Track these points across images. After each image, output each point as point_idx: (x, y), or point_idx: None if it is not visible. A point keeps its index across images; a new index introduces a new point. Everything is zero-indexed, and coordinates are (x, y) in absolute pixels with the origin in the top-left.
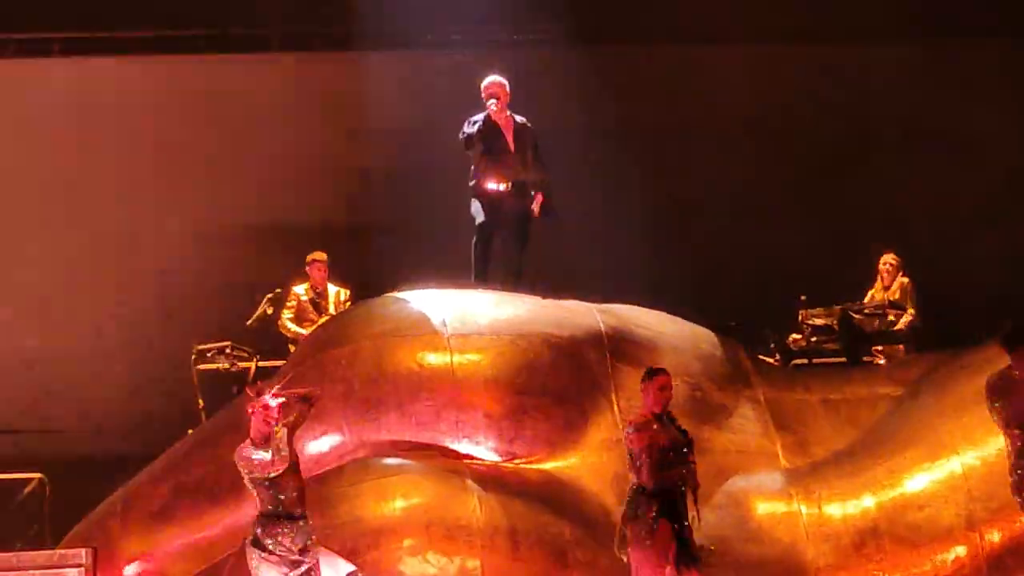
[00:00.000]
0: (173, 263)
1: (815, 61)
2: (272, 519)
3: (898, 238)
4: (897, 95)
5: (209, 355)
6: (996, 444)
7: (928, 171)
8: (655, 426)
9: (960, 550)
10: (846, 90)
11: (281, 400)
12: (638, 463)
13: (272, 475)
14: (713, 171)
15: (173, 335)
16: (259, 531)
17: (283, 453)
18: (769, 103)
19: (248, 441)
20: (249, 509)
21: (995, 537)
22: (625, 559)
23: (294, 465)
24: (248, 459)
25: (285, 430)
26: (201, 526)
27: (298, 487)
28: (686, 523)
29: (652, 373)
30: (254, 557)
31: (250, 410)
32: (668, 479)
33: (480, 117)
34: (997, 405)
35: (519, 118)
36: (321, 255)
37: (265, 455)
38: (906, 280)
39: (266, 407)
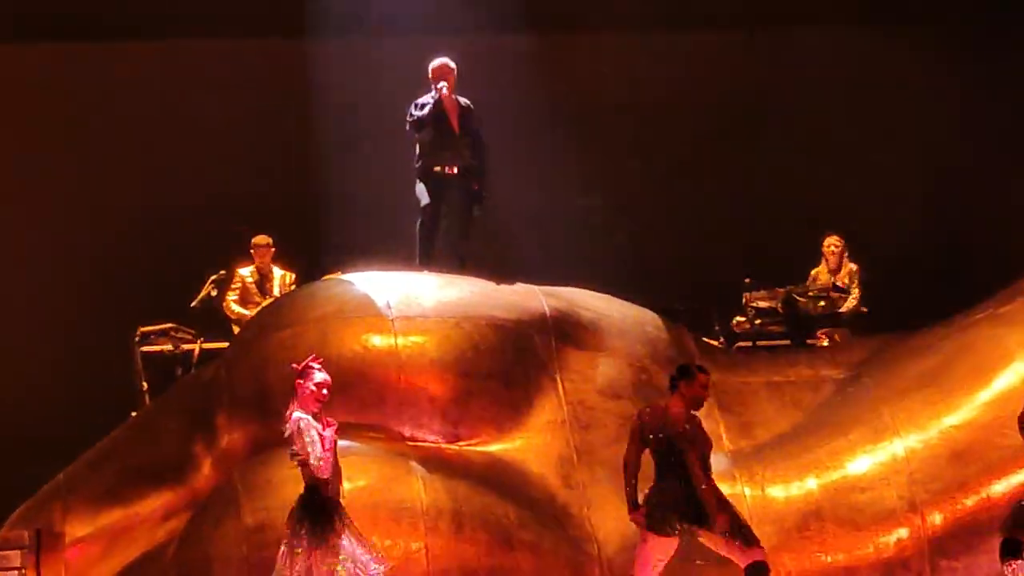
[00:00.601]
0: (117, 244)
1: (766, 47)
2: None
3: (842, 221)
4: (845, 79)
5: (153, 337)
6: (938, 427)
7: (874, 156)
8: None
9: (902, 532)
10: (792, 73)
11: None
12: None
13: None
14: (655, 153)
15: (116, 317)
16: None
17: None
18: (712, 86)
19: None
20: (193, 492)
21: (937, 519)
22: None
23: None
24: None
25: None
26: (145, 508)
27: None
28: None
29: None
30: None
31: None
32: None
33: (428, 100)
34: None
35: (464, 100)
36: (266, 238)
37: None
38: (854, 266)
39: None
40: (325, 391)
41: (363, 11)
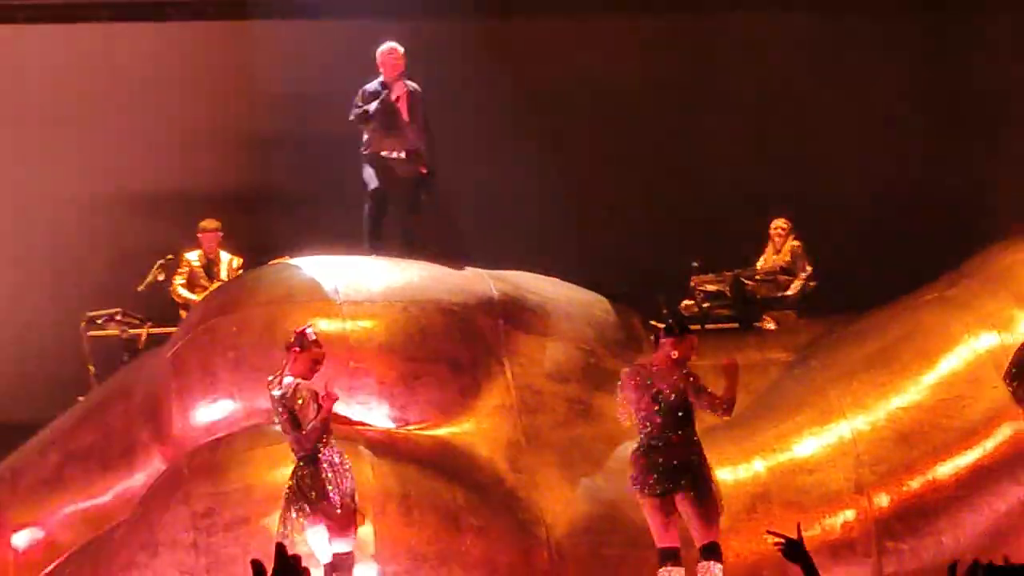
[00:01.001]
0: (64, 229)
1: (711, 31)
2: None
3: (790, 204)
4: (789, 63)
5: (100, 322)
6: (885, 409)
7: (820, 139)
8: None
9: (849, 514)
10: (737, 56)
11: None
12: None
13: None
14: (602, 137)
15: (63, 301)
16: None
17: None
18: (658, 70)
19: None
20: (140, 476)
21: (883, 501)
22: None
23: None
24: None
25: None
26: (92, 493)
27: None
28: None
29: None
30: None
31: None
32: None
33: (376, 87)
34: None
35: (411, 85)
36: (213, 222)
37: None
38: (796, 243)
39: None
40: (320, 367)
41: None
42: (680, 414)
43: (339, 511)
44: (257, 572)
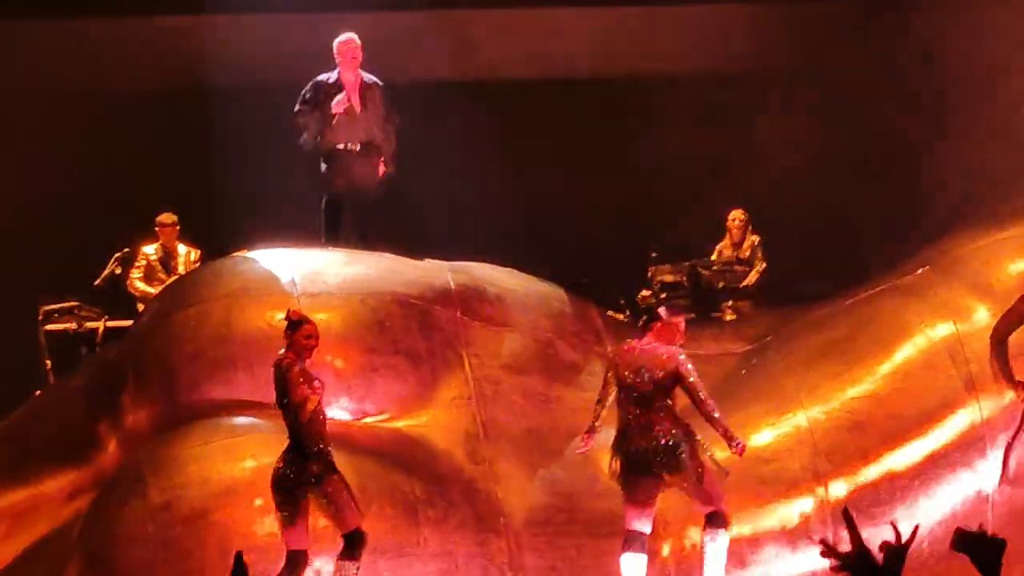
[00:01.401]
0: (19, 222)
1: (663, 22)
2: None
3: (746, 195)
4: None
5: (56, 316)
6: (841, 399)
7: (777, 127)
8: None
9: (806, 502)
10: (694, 48)
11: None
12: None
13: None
14: (560, 128)
15: (19, 295)
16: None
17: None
18: (614, 61)
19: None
20: (98, 471)
21: (840, 490)
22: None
23: None
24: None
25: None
26: (49, 488)
27: None
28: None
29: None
30: None
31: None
32: None
33: (328, 77)
34: None
35: (369, 77)
36: (170, 216)
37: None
38: (756, 238)
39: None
40: (313, 340)
41: None
42: (656, 396)
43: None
44: (238, 564)
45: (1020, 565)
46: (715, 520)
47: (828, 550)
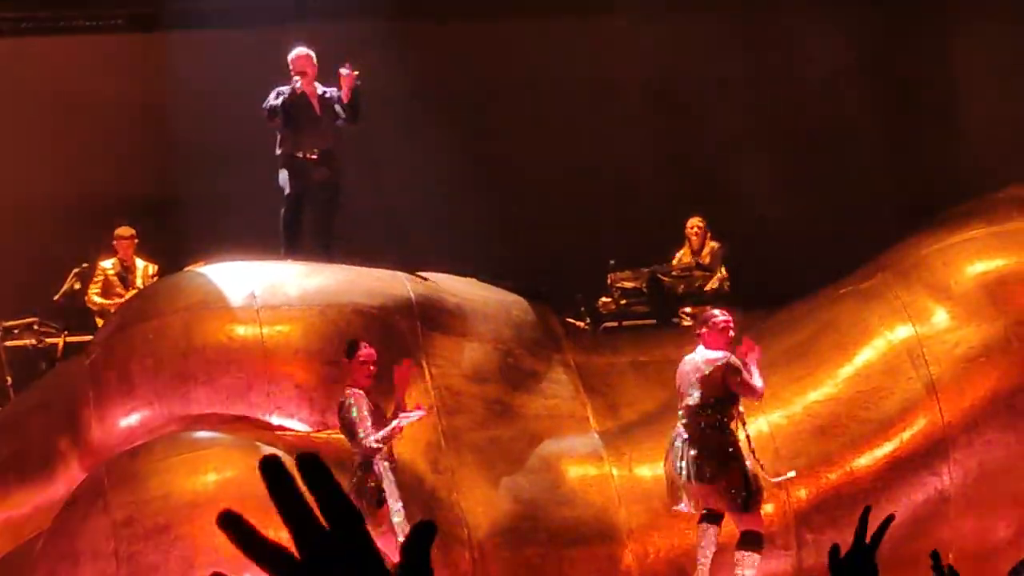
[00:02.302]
0: None
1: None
2: None
3: (706, 201)
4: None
5: (16, 332)
6: (802, 403)
7: (736, 134)
8: None
9: (768, 507)
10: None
11: None
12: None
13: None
14: (518, 137)
15: None
16: None
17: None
18: (566, 69)
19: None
20: (59, 485)
21: (802, 494)
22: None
23: None
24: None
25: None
26: (10, 504)
27: None
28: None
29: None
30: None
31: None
32: None
33: (287, 89)
34: None
35: (321, 88)
36: (128, 230)
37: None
38: (715, 244)
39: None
40: (372, 366)
41: (220, 3)
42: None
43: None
44: None
45: (979, 563)
46: (742, 542)
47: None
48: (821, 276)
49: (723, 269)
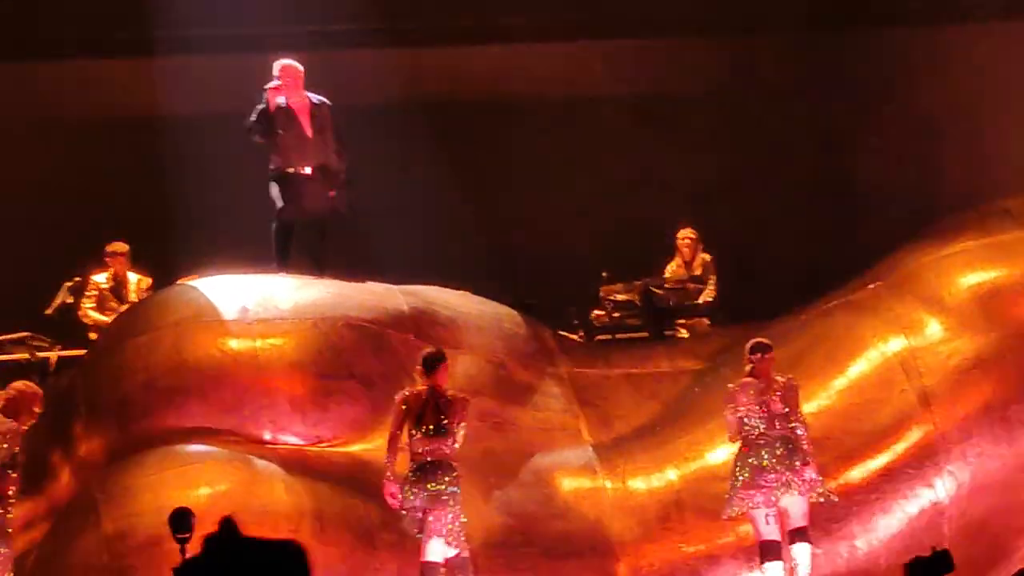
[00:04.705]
0: None
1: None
2: None
3: (697, 213)
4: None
5: (8, 346)
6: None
7: (727, 148)
8: None
9: None
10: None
11: None
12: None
13: None
14: (512, 156)
15: None
16: None
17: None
18: (557, 87)
19: None
20: (51, 501)
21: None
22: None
23: None
24: None
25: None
26: None
27: None
28: None
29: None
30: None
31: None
32: None
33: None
34: None
35: (316, 98)
36: (121, 246)
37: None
38: (707, 256)
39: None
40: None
41: (212, 32)
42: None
43: None
44: None
45: (974, 574)
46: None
47: None
48: (812, 289)
49: (714, 281)
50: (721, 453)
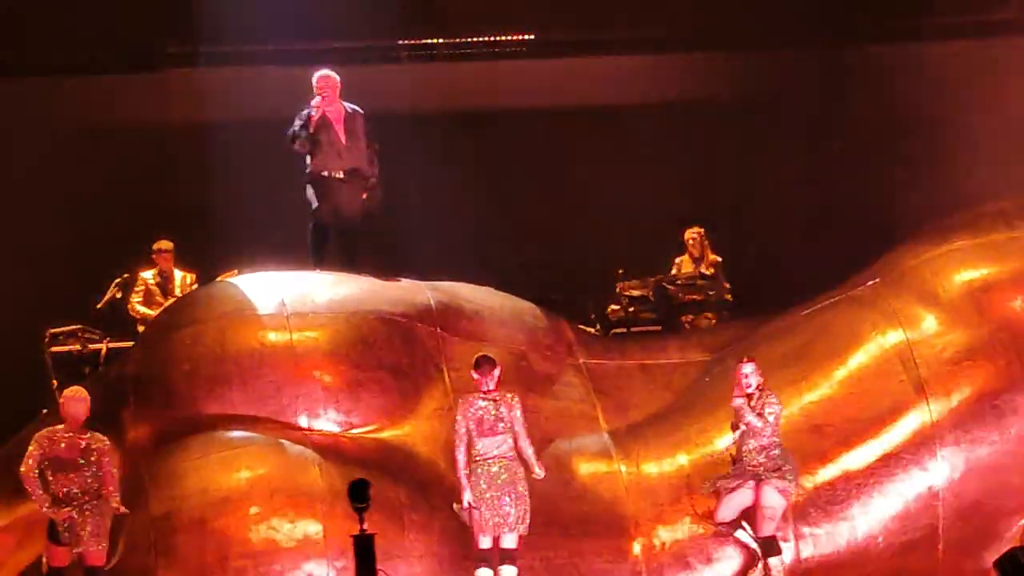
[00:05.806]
0: (27, 251)
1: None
2: None
3: (706, 212)
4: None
5: (62, 338)
6: (799, 404)
7: (737, 144)
8: None
9: None
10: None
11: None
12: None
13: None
14: (533, 158)
15: (27, 320)
16: None
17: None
18: (567, 97)
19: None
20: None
21: (799, 489)
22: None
23: None
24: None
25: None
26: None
27: None
28: None
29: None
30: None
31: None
32: None
33: (307, 113)
34: None
35: (350, 107)
36: (167, 244)
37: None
38: (718, 258)
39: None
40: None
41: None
42: None
43: None
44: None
45: (967, 559)
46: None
47: None
48: (815, 284)
49: (722, 280)
50: (728, 440)
